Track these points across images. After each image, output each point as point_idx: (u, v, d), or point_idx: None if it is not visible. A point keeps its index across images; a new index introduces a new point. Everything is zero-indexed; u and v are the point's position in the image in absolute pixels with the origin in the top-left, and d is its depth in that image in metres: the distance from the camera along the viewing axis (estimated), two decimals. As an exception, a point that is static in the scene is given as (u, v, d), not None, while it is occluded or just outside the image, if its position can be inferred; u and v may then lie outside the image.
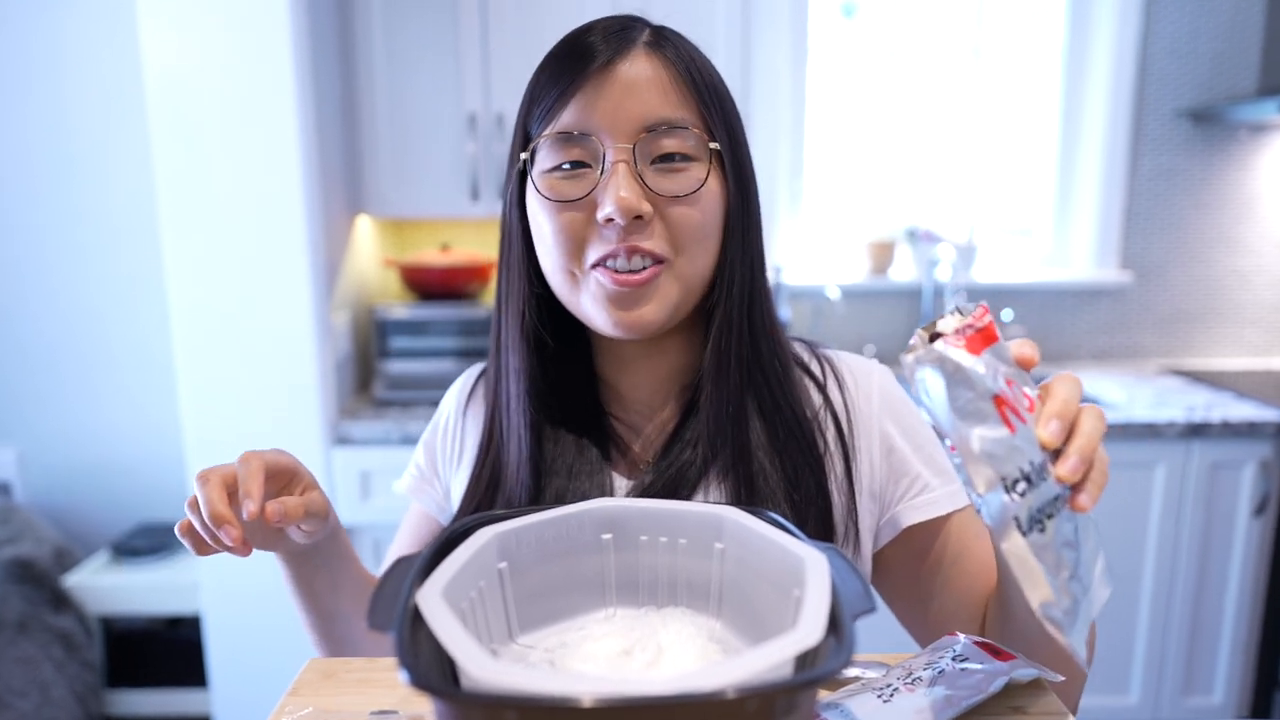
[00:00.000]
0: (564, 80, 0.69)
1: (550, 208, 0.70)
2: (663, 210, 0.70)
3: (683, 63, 0.71)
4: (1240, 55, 2.41)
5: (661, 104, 0.69)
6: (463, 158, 2.13)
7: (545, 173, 0.71)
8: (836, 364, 0.82)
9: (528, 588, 0.55)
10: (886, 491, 0.78)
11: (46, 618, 2.13)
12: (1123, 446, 1.97)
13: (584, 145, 0.69)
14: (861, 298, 2.55)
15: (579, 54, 0.69)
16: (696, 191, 0.70)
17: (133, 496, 2.52)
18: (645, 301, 0.70)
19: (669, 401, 0.79)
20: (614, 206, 0.67)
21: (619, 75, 0.68)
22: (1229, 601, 2.06)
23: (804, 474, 0.74)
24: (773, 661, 0.38)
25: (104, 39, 2.31)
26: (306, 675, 0.66)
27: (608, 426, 0.79)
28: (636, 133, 0.68)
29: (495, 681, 0.37)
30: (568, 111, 0.69)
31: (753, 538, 0.53)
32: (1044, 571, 0.50)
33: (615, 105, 0.68)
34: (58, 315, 2.44)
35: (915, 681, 0.60)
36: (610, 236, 0.69)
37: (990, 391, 0.50)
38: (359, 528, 1.99)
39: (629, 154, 0.68)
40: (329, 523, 0.72)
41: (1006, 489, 0.49)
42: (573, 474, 0.76)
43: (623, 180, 0.67)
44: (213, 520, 0.62)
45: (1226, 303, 2.55)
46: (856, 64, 2.54)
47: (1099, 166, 2.47)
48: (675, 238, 0.70)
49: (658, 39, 0.71)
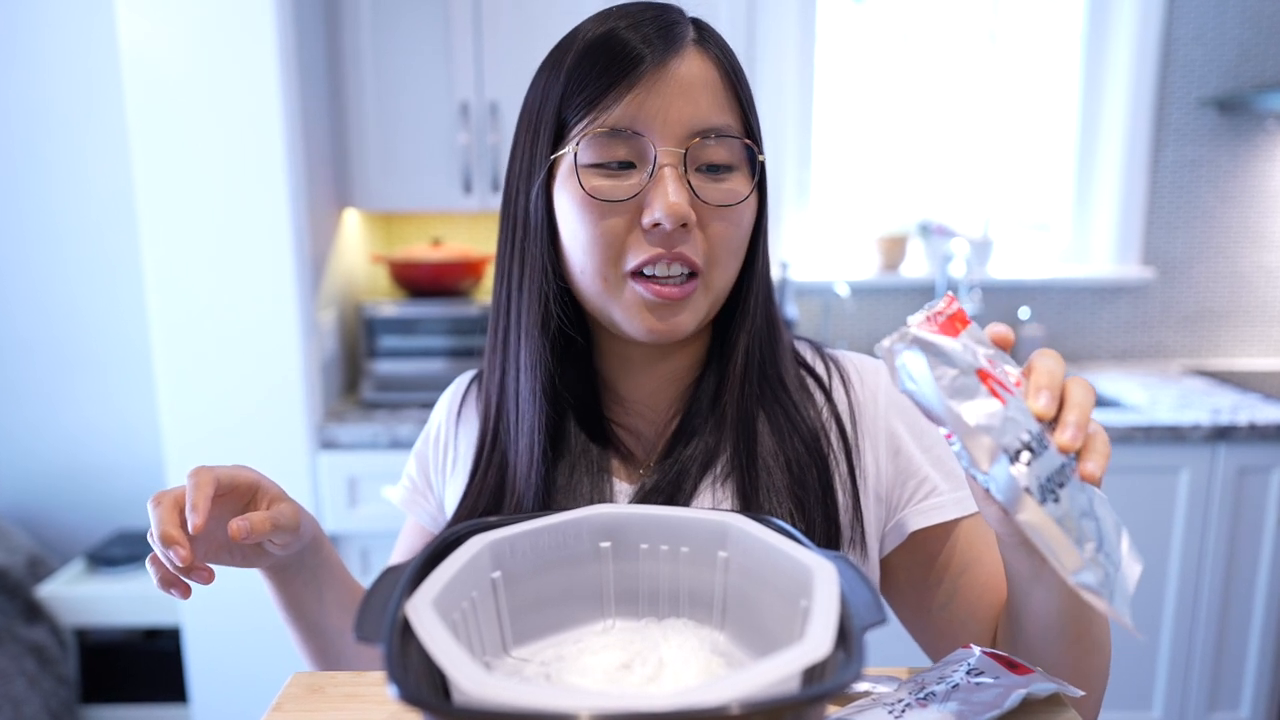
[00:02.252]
0: (613, 73, 0.69)
1: (592, 207, 0.70)
2: (704, 219, 0.71)
3: (728, 63, 0.72)
4: (1267, 41, 2.41)
5: (711, 109, 0.70)
6: (455, 148, 2.13)
7: (586, 168, 0.70)
8: (842, 363, 0.83)
9: (522, 598, 0.55)
10: (893, 495, 0.78)
11: (19, 630, 2.13)
12: (1145, 450, 1.97)
13: (633, 144, 0.69)
14: (872, 295, 2.55)
15: (628, 48, 0.69)
16: (739, 204, 0.72)
17: (109, 503, 2.52)
18: (681, 312, 0.72)
19: (670, 404, 0.80)
20: (664, 212, 0.68)
21: (673, 75, 0.69)
22: (1256, 612, 2.06)
23: (809, 475, 0.75)
24: (779, 675, 0.38)
25: (79, 23, 2.31)
26: (291, 690, 0.66)
27: (607, 427, 0.80)
28: (688, 137, 0.69)
29: (489, 696, 0.37)
30: (619, 107, 0.69)
31: (758, 546, 0.53)
32: (1070, 541, 0.50)
33: (668, 106, 0.69)
34: (31, 313, 2.44)
35: (928, 697, 0.60)
36: (654, 241, 0.70)
37: (973, 366, 0.52)
38: (346, 536, 1.99)
39: (679, 158, 0.69)
40: (302, 534, 0.72)
41: (1011, 459, 0.50)
42: (573, 475, 0.76)
43: (672, 185, 0.68)
44: (161, 541, 0.62)
45: (1253, 300, 2.55)
46: (867, 49, 2.54)
47: (1120, 158, 2.47)
48: (712, 249, 0.71)
49: (702, 35, 0.72)
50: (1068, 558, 0.50)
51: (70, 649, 2.26)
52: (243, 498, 0.70)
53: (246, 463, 0.72)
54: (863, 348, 2.55)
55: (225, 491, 0.68)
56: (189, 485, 0.65)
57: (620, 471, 0.79)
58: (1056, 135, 2.60)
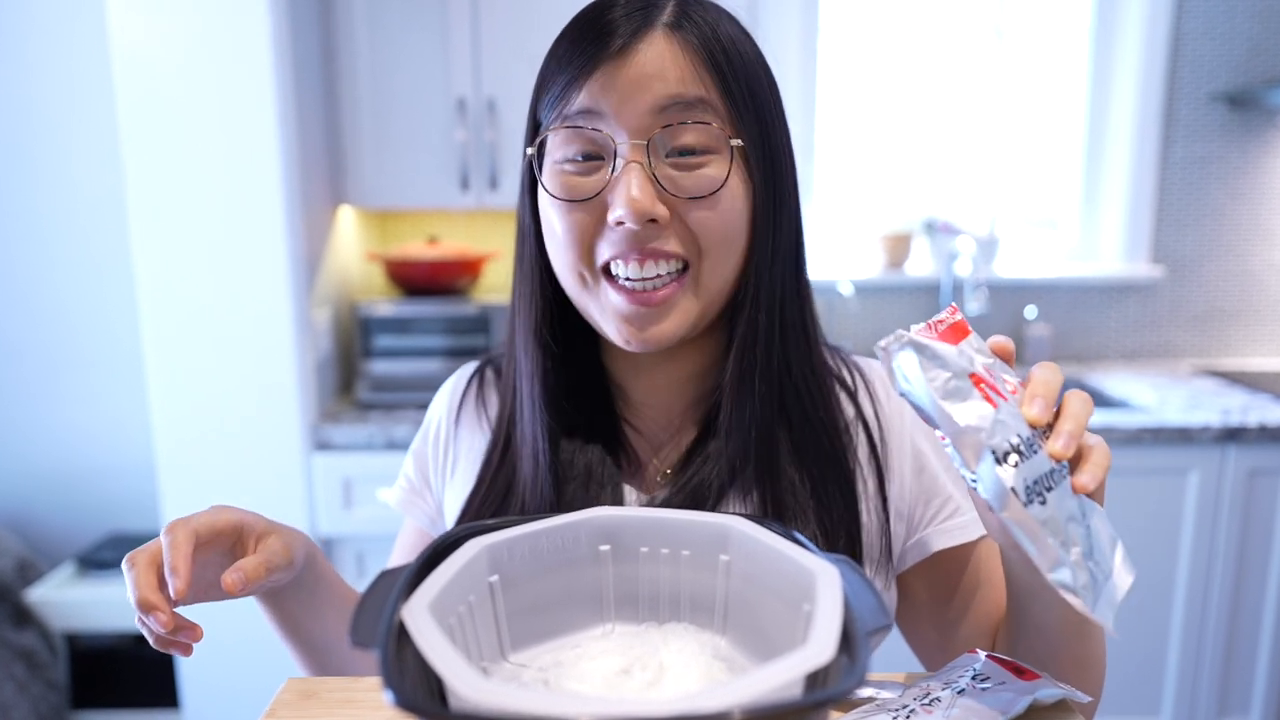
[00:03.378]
0: (575, 64, 0.67)
1: (558, 206, 0.69)
2: (681, 211, 0.67)
3: (706, 44, 0.67)
4: (1278, 36, 2.40)
5: (677, 93, 0.66)
6: (451, 145, 2.13)
7: (555, 164, 0.69)
8: (867, 374, 0.81)
9: (520, 602, 0.55)
10: (915, 512, 0.77)
11: (8, 634, 2.13)
12: (1154, 452, 1.97)
13: (593, 137, 0.67)
14: (876, 293, 2.55)
15: (594, 34, 0.67)
16: (717, 192, 0.67)
17: (100, 505, 2.52)
18: (662, 319, 0.69)
19: (687, 409, 0.78)
20: (625, 209, 0.65)
21: (633, 60, 0.66)
22: (1267, 616, 2.06)
23: (833, 492, 0.74)
24: (781, 681, 0.38)
25: (68, 20, 2.31)
26: (285, 695, 0.66)
27: (621, 434, 0.78)
28: (651, 125, 0.66)
29: (485, 702, 0.37)
30: (579, 98, 0.67)
31: (760, 549, 0.53)
32: (1052, 541, 0.52)
33: (628, 94, 0.65)
34: (19, 313, 2.44)
35: (933, 703, 0.60)
36: (622, 239, 0.67)
37: (966, 370, 0.55)
38: (341, 539, 1.99)
39: (642, 150, 0.66)
40: (295, 563, 0.71)
41: (997, 460, 0.52)
42: (589, 484, 0.74)
43: (635, 179, 0.65)
44: (140, 608, 0.61)
45: (1264, 299, 2.55)
46: (871, 44, 2.54)
47: (1128, 154, 2.47)
48: (697, 239, 0.68)
49: (681, 16, 0.68)
50: (1047, 555, 0.52)
51: (60, 654, 2.26)
52: (226, 542, 0.68)
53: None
54: (866, 347, 2.55)
55: (206, 541, 0.65)
56: (165, 545, 0.62)
57: (635, 479, 0.77)
58: (1064, 132, 2.60)
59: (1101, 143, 2.56)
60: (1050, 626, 0.65)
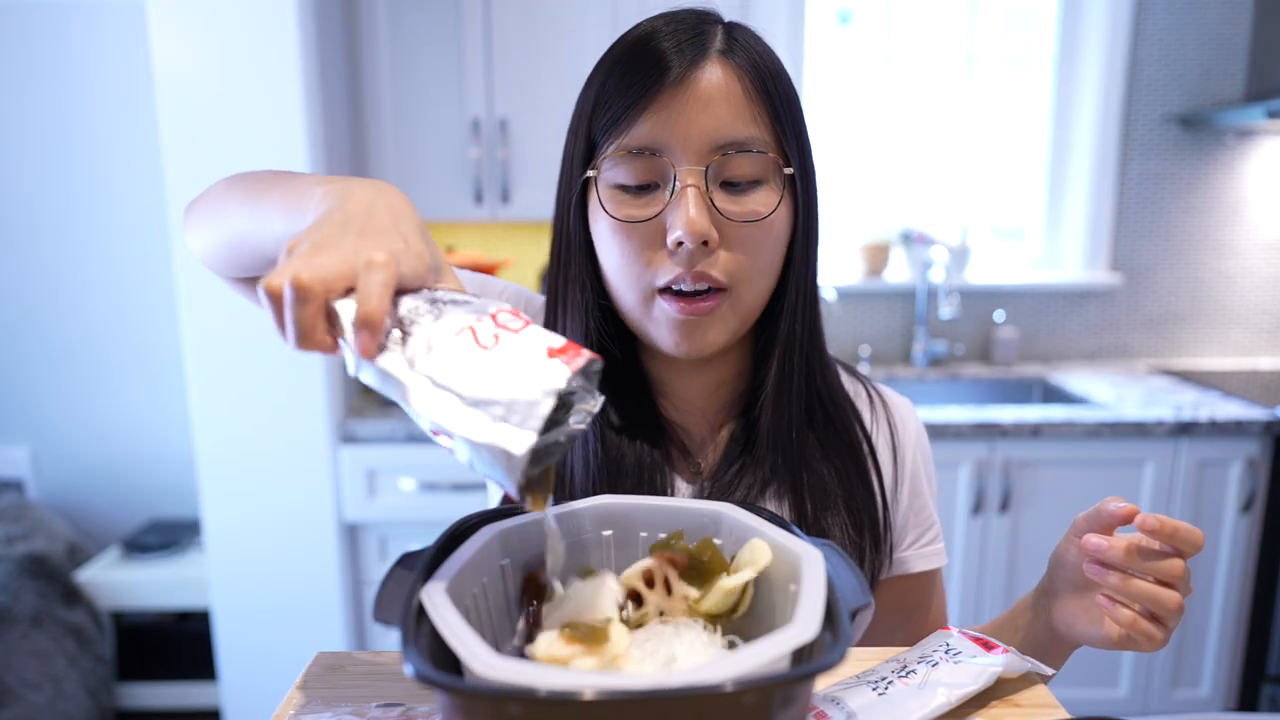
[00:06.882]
0: (635, 90, 0.65)
1: (619, 229, 0.67)
2: (729, 235, 0.66)
3: (757, 72, 0.66)
4: (1227, 62, 2.40)
5: (734, 123, 0.65)
6: (466, 162, 2.13)
7: (611, 188, 0.67)
8: (889, 401, 0.81)
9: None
10: (901, 531, 0.78)
11: (59, 612, 2.13)
12: (1113, 445, 1.97)
13: (654, 164, 0.66)
14: (857, 299, 2.55)
15: (652, 61, 0.65)
16: (767, 218, 0.67)
17: (143, 493, 2.53)
18: (709, 328, 0.68)
19: (722, 407, 0.78)
20: (684, 230, 0.64)
21: (693, 90, 0.64)
22: (1217, 596, 2.06)
23: (856, 482, 0.74)
24: (770, 656, 0.38)
25: (116, 48, 2.31)
26: (313, 669, 0.66)
27: (666, 428, 0.76)
28: (709, 154, 0.65)
29: (497, 676, 0.37)
30: (639, 126, 0.65)
31: (750, 534, 0.53)
32: None
33: (688, 123, 0.64)
34: (70, 315, 2.44)
35: (909, 674, 0.60)
36: (678, 261, 0.66)
37: None
38: (365, 524, 1.99)
39: (700, 176, 0.65)
40: None
41: None
42: (641, 479, 0.73)
43: (693, 204, 0.64)
44: (300, 347, 0.46)
45: (1213, 304, 2.55)
46: (852, 70, 2.54)
47: (1089, 171, 2.47)
48: (739, 265, 0.67)
49: (730, 43, 0.67)
50: None
51: (107, 630, 2.26)
52: None
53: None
54: (849, 350, 2.55)
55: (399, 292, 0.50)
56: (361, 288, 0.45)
57: (681, 470, 0.76)
58: (1029, 150, 2.59)
59: (1064, 160, 2.55)
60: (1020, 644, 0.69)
